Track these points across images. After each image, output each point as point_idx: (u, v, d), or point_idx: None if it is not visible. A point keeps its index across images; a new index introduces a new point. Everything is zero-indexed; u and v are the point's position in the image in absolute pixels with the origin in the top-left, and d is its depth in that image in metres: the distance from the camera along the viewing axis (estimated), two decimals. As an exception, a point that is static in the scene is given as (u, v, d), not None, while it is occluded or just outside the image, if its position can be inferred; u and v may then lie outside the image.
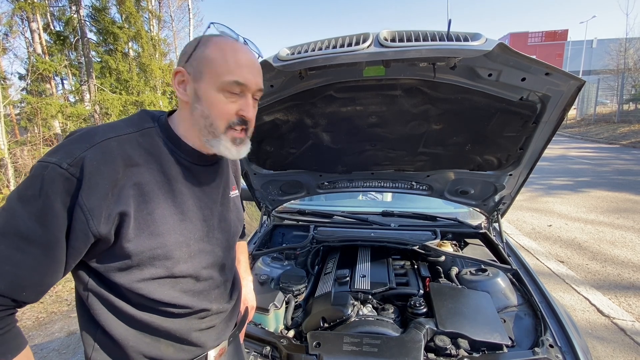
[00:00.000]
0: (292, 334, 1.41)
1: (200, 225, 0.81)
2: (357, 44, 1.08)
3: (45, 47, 8.83)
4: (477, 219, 2.20)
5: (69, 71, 9.81)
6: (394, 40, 1.07)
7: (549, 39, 33.58)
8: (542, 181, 7.76)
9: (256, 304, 1.40)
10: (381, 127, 1.58)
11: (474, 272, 1.63)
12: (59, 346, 2.68)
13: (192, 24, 14.15)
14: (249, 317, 1.19)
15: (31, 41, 8.54)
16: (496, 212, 2.00)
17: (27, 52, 8.65)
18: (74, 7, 8.93)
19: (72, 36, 9.24)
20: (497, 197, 1.91)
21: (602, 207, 5.76)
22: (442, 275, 1.71)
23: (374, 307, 1.46)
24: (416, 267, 1.76)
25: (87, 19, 9.26)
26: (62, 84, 10.83)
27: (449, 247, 1.82)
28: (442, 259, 1.82)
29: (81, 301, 0.76)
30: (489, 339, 1.18)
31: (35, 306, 3.12)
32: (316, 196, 2.39)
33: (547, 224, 5.15)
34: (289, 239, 2.21)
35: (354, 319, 1.33)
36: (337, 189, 2.10)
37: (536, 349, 1.14)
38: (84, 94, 9.29)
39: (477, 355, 1.15)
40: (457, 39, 1.05)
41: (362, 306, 1.44)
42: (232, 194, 0.95)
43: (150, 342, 0.78)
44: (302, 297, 1.62)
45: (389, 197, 2.70)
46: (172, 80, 0.77)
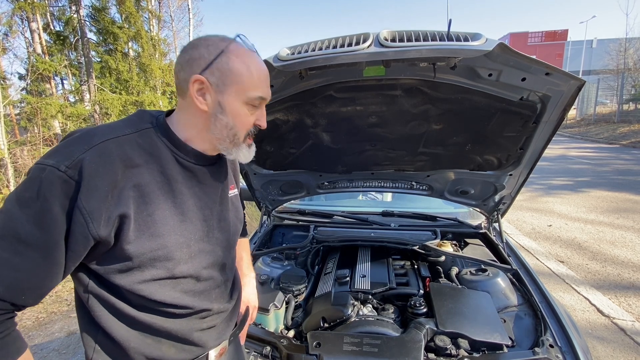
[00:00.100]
0: (292, 334, 1.41)
1: (200, 225, 0.80)
2: (357, 44, 1.08)
3: (45, 47, 8.83)
4: (477, 219, 2.20)
5: (69, 71, 9.81)
6: (394, 40, 1.07)
7: (549, 39, 33.57)
8: (542, 181, 7.76)
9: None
10: (381, 127, 1.58)
11: (474, 272, 1.63)
12: (59, 346, 2.68)
13: (192, 24, 14.15)
14: (252, 317, 1.17)
15: (31, 41, 8.54)
16: (496, 212, 2.00)
17: (27, 52, 8.65)
18: (73, 7, 8.93)
19: (72, 36, 9.24)
20: (497, 197, 1.91)
21: (602, 207, 5.76)
22: (442, 275, 1.71)
23: (374, 307, 1.46)
24: (416, 267, 1.76)
25: (87, 19, 9.27)
26: (62, 84, 10.84)
27: (449, 247, 1.82)
28: (442, 259, 1.82)
29: (81, 303, 0.75)
30: (489, 339, 1.18)
31: (35, 306, 3.11)
32: (316, 196, 2.38)
33: (547, 224, 5.15)
34: (289, 239, 2.21)
35: (354, 319, 1.33)
36: (337, 189, 2.10)
37: (536, 349, 1.14)
38: (83, 94, 9.30)
39: (477, 355, 1.15)
40: (457, 39, 1.05)
41: (362, 306, 1.44)
42: (231, 193, 0.95)
43: (151, 343, 0.78)
44: (302, 297, 1.62)
45: (389, 197, 2.70)
46: (190, 86, 0.73)
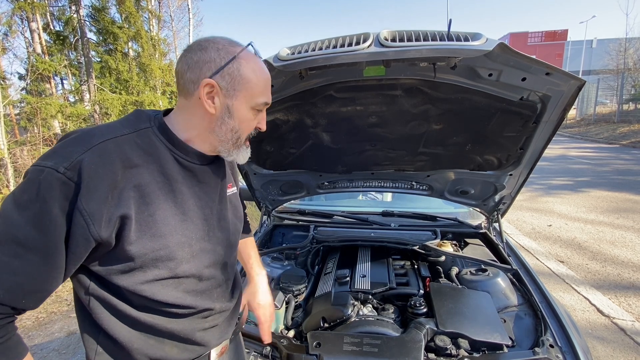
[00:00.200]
0: (292, 334, 1.40)
1: (201, 224, 0.80)
2: (358, 43, 1.08)
3: (44, 47, 8.83)
4: (477, 219, 2.20)
5: (69, 71, 9.80)
6: (395, 40, 1.07)
7: (549, 39, 33.56)
8: (542, 181, 7.76)
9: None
10: (381, 127, 1.57)
11: (474, 272, 1.63)
12: (58, 346, 2.68)
13: (192, 24, 14.15)
14: (270, 317, 1.14)
15: (31, 41, 8.54)
16: (496, 212, 2.00)
17: (27, 52, 8.65)
18: (73, 7, 8.93)
19: (71, 36, 9.24)
20: (497, 197, 1.91)
21: (602, 207, 5.76)
22: (442, 275, 1.71)
23: (374, 307, 1.46)
24: (416, 267, 1.76)
25: (86, 19, 9.27)
26: (62, 83, 10.83)
27: (449, 247, 1.82)
28: (442, 259, 1.82)
29: (82, 305, 0.75)
30: (489, 339, 1.18)
31: (35, 306, 3.12)
32: (316, 196, 2.38)
33: (547, 224, 5.15)
34: (289, 239, 2.21)
35: (354, 319, 1.33)
36: (337, 189, 2.10)
37: (536, 349, 1.13)
38: (83, 94, 9.30)
39: (478, 355, 1.15)
40: (458, 39, 1.05)
41: (362, 306, 1.44)
42: (230, 191, 0.95)
43: (154, 344, 0.79)
44: (302, 297, 1.62)
45: (389, 197, 2.70)
46: (200, 89, 0.73)
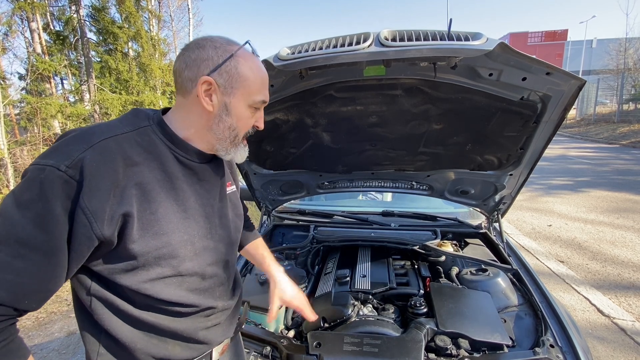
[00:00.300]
0: (292, 334, 1.40)
1: (202, 222, 0.81)
2: (358, 43, 1.08)
3: (44, 47, 8.83)
4: (477, 219, 2.20)
5: (69, 71, 9.81)
6: (395, 39, 1.07)
7: (549, 39, 33.57)
8: (542, 181, 7.76)
9: (256, 304, 1.39)
10: (381, 127, 1.57)
11: (475, 272, 1.63)
12: (58, 346, 2.68)
13: (192, 24, 14.16)
14: (310, 310, 1.14)
15: (31, 41, 8.54)
16: (496, 212, 2.00)
17: (27, 51, 8.65)
18: (73, 7, 8.94)
19: (71, 36, 9.25)
20: (497, 197, 1.91)
21: (602, 207, 5.75)
22: (443, 275, 1.70)
23: (374, 307, 1.46)
24: (416, 267, 1.76)
25: (86, 19, 9.27)
26: (62, 83, 10.84)
27: (449, 247, 1.82)
28: (443, 258, 1.82)
29: (82, 306, 0.74)
30: (490, 339, 1.18)
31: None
32: (316, 196, 2.38)
33: (547, 223, 5.15)
34: (289, 239, 2.21)
35: (354, 319, 1.33)
36: (337, 188, 2.10)
37: (537, 349, 1.13)
38: (83, 94, 9.30)
39: (478, 355, 1.15)
40: (458, 39, 1.05)
41: (362, 306, 1.44)
42: (229, 190, 0.95)
43: (157, 343, 0.78)
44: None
45: (389, 197, 2.70)
46: (198, 87, 0.73)
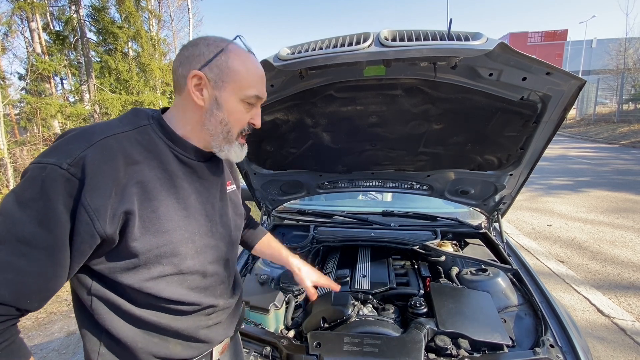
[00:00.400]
0: (292, 334, 1.40)
1: (203, 220, 0.81)
2: (358, 43, 1.08)
3: (44, 47, 8.83)
4: (477, 219, 2.20)
5: (69, 71, 9.81)
6: (395, 39, 1.07)
7: (549, 39, 33.57)
8: (542, 181, 7.76)
9: (256, 304, 1.39)
10: (381, 127, 1.57)
11: (475, 272, 1.63)
12: (58, 346, 2.67)
13: (192, 24, 14.15)
14: (336, 284, 1.30)
15: (30, 41, 8.54)
16: (496, 212, 2.00)
17: (27, 51, 8.65)
18: (73, 7, 8.94)
19: (71, 36, 9.24)
20: (497, 197, 1.91)
21: (602, 207, 5.76)
22: (443, 275, 1.70)
23: (374, 307, 1.46)
24: (416, 267, 1.76)
25: (86, 19, 9.27)
26: (62, 83, 10.84)
27: (449, 247, 1.82)
28: (443, 258, 1.82)
29: (82, 306, 0.74)
30: (490, 339, 1.18)
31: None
32: (316, 196, 2.38)
33: (547, 223, 5.15)
34: (289, 239, 2.20)
35: (354, 319, 1.33)
36: (337, 189, 2.10)
37: (537, 349, 1.13)
38: (83, 94, 9.30)
39: (478, 355, 1.15)
40: (458, 39, 1.05)
41: (362, 306, 1.44)
42: (229, 189, 0.95)
43: (158, 342, 0.78)
44: (302, 297, 1.61)
45: (389, 197, 2.70)
46: (188, 81, 0.74)
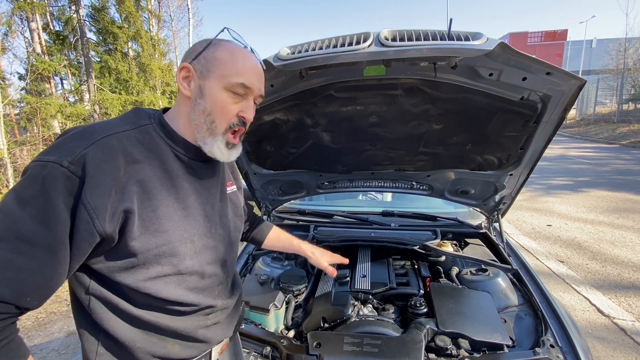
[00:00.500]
0: (292, 334, 1.40)
1: (202, 221, 0.81)
2: (358, 43, 1.08)
3: (44, 47, 8.83)
4: (477, 219, 2.20)
5: (69, 71, 9.80)
6: (395, 39, 1.07)
7: (549, 39, 33.57)
8: (542, 181, 7.76)
9: (256, 304, 1.39)
10: (381, 127, 1.57)
11: (475, 272, 1.63)
12: (58, 346, 2.67)
13: (192, 24, 14.15)
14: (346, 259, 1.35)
15: (30, 41, 8.54)
16: (496, 212, 2.00)
17: (27, 51, 8.65)
18: (73, 7, 8.94)
19: (71, 36, 9.24)
20: (497, 197, 1.91)
21: (602, 207, 5.76)
22: (443, 275, 1.70)
23: (374, 307, 1.46)
24: (416, 267, 1.76)
25: (86, 19, 9.27)
26: (62, 83, 10.83)
27: (449, 247, 1.82)
28: (443, 258, 1.82)
29: (81, 305, 0.74)
30: (490, 339, 1.18)
31: (34, 306, 3.13)
32: (316, 196, 2.38)
33: (547, 223, 5.15)
34: (289, 239, 2.20)
35: (354, 319, 1.33)
36: (337, 189, 2.10)
37: (537, 349, 1.13)
38: (83, 94, 9.30)
39: (478, 355, 1.15)
40: (458, 39, 1.05)
41: (362, 306, 1.44)
42: (229, 189, 0.95)
43: (157, 342, 0.78)
44: (302, 297, 1.61)
45: (389, 197, 2.70)
46: (177, 75, 0.78)
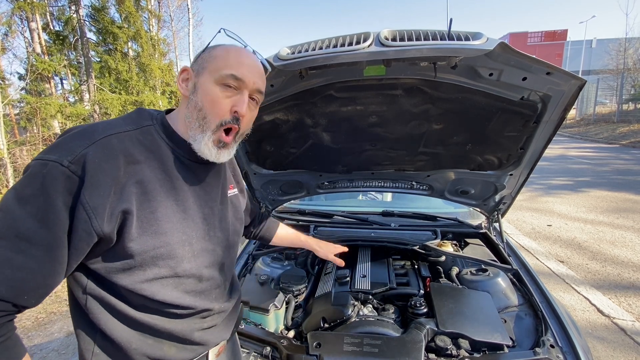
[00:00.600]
0: (292, 334, 1.40)
1: (201, 223, 0.80)
2: (358, 43, 1.08)
3: (44, 47, 8.83)
4: (477, 219, 2.20)
5: (68, 71, 9.80)
6: (395, 39, 1.07)
7: (549, 39, 33.57)
8: (542, 181, 7.76)
9: (256, 304, 1.39)
10: (381, 127, 1.57)
11: (475, 272, 1.63)
12: (58, 346, 2.67)
13: (192, 24, 14.15)
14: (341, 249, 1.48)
15: (30, 41, 8.54)
16: (496, 212, 1.99)
17: (27, 51, 8.65)
18: (73, 7, 8.93)
19: (71, 36, 9.24)
20: (497, 197, 1.91)
21: (602, 207, 5.75)
22: (443, 275, 1.70)
23: (374, 307, 1.46)
24: (416, 267, 1.76)
25: (86, 19, 9.27)
26: (62, 83, 10.82)
27: (449, 247, 1.82)
28: (443, 259, 1.82)
29: (78, 305, 0.74)
30: (490, 339, 1.18)
31: (34, 306, 3.13)
32: (316, 196, 2.38)
33: (547, 223, 5.15)
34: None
35: (354, 319, 1.33)
36: (337, 189, 2.10)
37: (537, 349, 1.13)
38: (83, 94, 9.30)
39: (478, 355, 1.15)
40: (458, 38, 1.05)
41: (362, 306, 1.44)
42: (230, 193, 0.95)
43: (153, 344, 0.78)
44: (302, 297, 1.61)
45: (389, 197, 2.70)
46: (177, 78, 0.81)
